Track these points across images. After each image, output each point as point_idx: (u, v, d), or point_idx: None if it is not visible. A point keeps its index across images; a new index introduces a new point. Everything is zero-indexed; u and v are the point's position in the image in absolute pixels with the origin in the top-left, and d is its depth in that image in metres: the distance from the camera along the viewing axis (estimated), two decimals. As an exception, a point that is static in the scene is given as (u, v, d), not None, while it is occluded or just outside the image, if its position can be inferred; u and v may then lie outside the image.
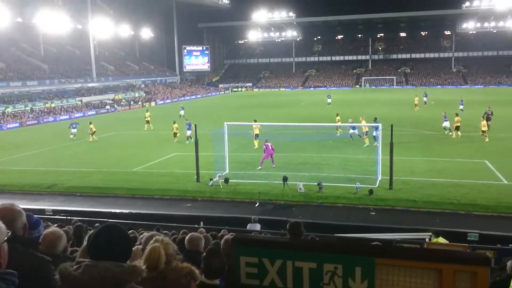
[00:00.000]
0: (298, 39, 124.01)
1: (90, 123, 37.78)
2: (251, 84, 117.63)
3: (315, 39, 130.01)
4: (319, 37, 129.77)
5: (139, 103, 78.11)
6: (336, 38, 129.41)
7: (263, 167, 24.29)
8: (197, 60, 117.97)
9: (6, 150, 34.09)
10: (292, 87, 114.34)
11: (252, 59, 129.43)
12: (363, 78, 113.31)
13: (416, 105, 52.20)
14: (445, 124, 33.93)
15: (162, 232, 9.95)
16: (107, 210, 18.52)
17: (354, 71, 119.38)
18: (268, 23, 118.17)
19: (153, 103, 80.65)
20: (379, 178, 21.20)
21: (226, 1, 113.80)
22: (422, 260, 2.94)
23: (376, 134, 27.59)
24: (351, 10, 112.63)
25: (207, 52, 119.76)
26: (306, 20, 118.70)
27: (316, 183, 20.18)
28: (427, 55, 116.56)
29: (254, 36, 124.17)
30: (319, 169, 24.07)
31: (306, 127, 35.61)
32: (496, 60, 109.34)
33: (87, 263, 2.40)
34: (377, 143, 28.45)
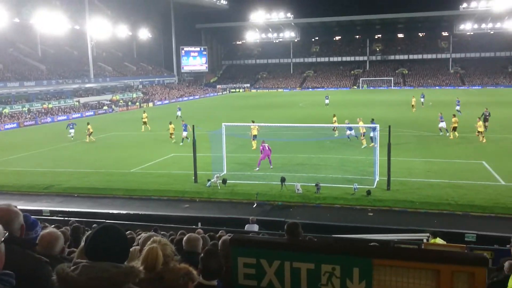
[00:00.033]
0: (296, 40, 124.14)
1: (88, 124, 37.77)
2: (249, 85, 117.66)
3: (313, 40, 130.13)
4: (317, 38, 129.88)
5: (137, 103, 78.06)
6: (334, 39, 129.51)
7: (261, 168, 24.28)
8: (195, 61, 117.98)
9: (3, 151, 34.02)
10: (290, 88, 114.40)
11: (250, 60, 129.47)
12: (360, 79, 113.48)
13: (413, 106, 52.31)
14: (441, 125, 33.98)
15: (159, 233, 9.94)
16: (104, 211, 18.50)
17: (352, 72, 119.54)
18: (266, 24, 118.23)
19: (150, 104, 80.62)
20: (377, 179, 21.21)
21: (224, 1, 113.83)
22: (420, 261, 2.94)
23: (373, 135, 27.61)
24: (349, 11, 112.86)
25: (205, 53, 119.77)
26: (304, 21, 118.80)
27: (314, 184, 20.17)
28: (425, 56, 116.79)
29: (252, 37, 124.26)
30: (317, 170, 24.08)
31: (304, 127, 35.62)
32: (493, 61, 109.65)
33: (84, 264, 2.40)
34: (374, 144, 28.54)
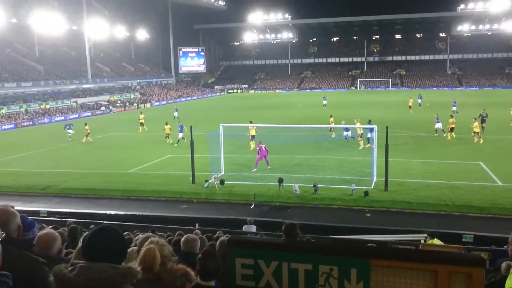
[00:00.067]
0: (294, 41, 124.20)
1: (86, 124, 37.70)
2: (246, 85, 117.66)
3: (311, 41, 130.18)
4: (315, 39, 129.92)
5: (135, 104, 77.99)
6: (332, 40, 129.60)
7: (259, 168, 24.27)
8: (192, 61, 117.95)
9: (1, 151, 33.95)
10: (287, 88, 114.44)
11: (247, 60, 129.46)
12: (358, 80, 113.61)
13: (410, 107, 52.39)
14: (437, 125, 34.05)
15: (157, 234, 9.93)
16: (102, 212, 18.48)
17: (350, 73, 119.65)
18: (263, 24, 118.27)
19: (148, 105, 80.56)
20: (375, 180, 21.24)
21: (222, 2, 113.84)
22: (417, 262, 2.94)
23: (371, 136, 27.65)
24: (347, 12, 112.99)
25: (203, 53, 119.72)
26: (301, 22, 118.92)
27: (312, 185, 20.19)
28: (422, 57, 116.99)
29: (249, 37, 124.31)
30: (315, 170, 24.10)
31: (302, 128, 35.63)
32: (491, 62, 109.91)
33: (81, 264, 2.39)
34: (370, 145, 28.61)
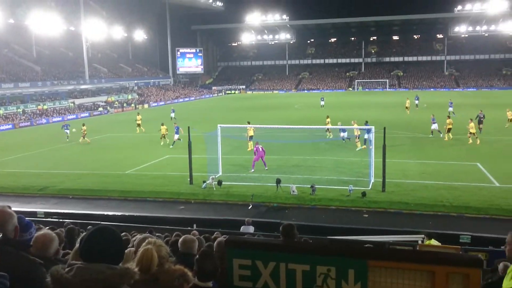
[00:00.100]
0: (292, 42, 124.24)
1: (83, 125, 37.62)
2: (244, 86, 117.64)
3: (309, 41, 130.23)
4: (313, 40, 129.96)
5: (132, 105, 77.91)
6: (329, 41, 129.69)
7: (256, 169, 24.28)
8: (190, 62, 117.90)
9: (-3, 152, 33.88)
10: (285, 89, 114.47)
11: (245, 61, 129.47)
12: (356, 81, 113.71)
13: (407, 108, 52.45)
14: (433, 126, 34.14)
15: (155, 235, 9.91)
16: (99, 213, 18.45)
17: (347, 74, 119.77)
18: (261, 25, 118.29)
19: (146, 105, 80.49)
20: (372, 181, 21.27)
21: (219, 3, 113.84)
22: (415, 262, 2.94)
23: (368, 137, 27.70)
24: (344, 13, 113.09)
25: (201, 54, 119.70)
26: (299, 23, 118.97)
27: (309, 186, 20.21)
28: (420, 58, 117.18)
29: (247, 38, 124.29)
30: (312, 171, 24.12)
31: (299, 129, 35.65)
32: (488, 64, 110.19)
33: (79, 265, 2.39)
34: (365, 146, 28.69)
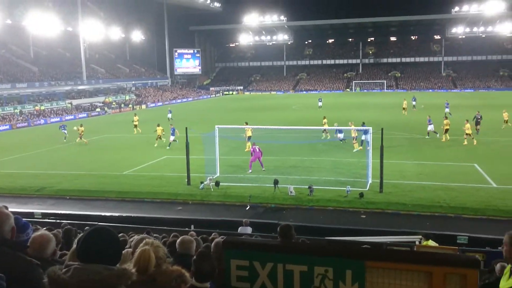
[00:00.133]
0: (289, 43, 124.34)
1: (81, 125, 37.51)
2: (242, 87, 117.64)
3: (306, 42, 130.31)
4: (310, 40, 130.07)
5: (130, 105, 77.85)
6: (327, 42, 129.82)
7: (254, 170, 24.27)
8: (188, 63, 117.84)
9: (-6, 153, 33.79)
10: (283, 90, 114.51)
11: (243, 62, 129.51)
12: (353, 81, 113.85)
13: (404, 109, 52.49)
14: (429, 128, 34.23)
15: (152, 235, 9.90)
16: (97, 213, 18.42)
17: (345, 75, 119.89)
18: (259, 26, 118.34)
19: (143, 106, 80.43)
20: (370, 182, 21.28)
21: (217, 4, 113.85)
22: (412, 263, 2.95)
23: (365, 138, 27.76)
24: (342, 14, 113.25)
25: (198, 55, 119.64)
26: (297, 24, 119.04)
27: (307, 186, 20.21)
28: (417, 59, 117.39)
29: (245, 39, 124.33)
30: (310, 172, 24.12)
31: (297, 130, 35.66)
32: (485, 65, 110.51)
33: (76, 266, 2.38)
34: (361, 147, 28.75)
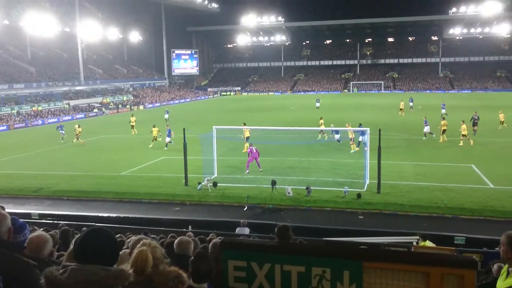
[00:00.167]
0: (287, 44, 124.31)
1: (78, 126, 37.37)
2: (240, 88, 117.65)
3: (304, 43, 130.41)
4: (308, 41, 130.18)
5: (127, 106, 77.77)
6: (325, 42, 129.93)
7: (252, 170, 24.28)
8: (185, 63, 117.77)
9: (-9, 154, 33.70)
10: (281, 91, 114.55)
11: (241, 63, 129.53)
12: (351, 82, 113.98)
13: (401, 109, 52.56)
14: (425, 129, 34.31)
15: (150, 236, 9.88)
16: (94, 214, 18.39)
17: (343, 76, 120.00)
18: (257, 27, 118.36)
19: (141, 107, 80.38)
20: (367, 182, 21.31)
21: (215, 5, 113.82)
22: (410, 264, 2.95)
23: (362, 139, 27.83)
24: (340, 15, 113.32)
25: (196, 56, 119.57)
26: (294, 25, 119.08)
27: (305, 187, 20.23)
28: (415, 60, 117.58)
29: (243, 40, 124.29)
30: (308, 173, 24.13)
31: (295, 131, 35.68)
32: (482, 66, 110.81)
33: (73, 267, 2.38)
34: (358, 148, 28.81)
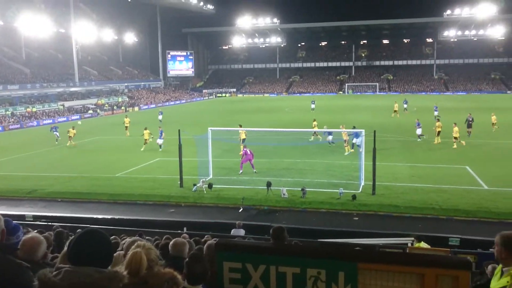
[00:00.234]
0: (282, 45, 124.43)
1: (73, 128, 37.24)
2: (235, 89, 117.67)
3: (299, 45, 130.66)
4: (303, 43, 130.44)
5: (122, 107, 77.58)
6: (320, 44, 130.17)
7: (247, 172, 24.27)
8: (181, 65, 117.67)
9: (-15, 155, 33.51)
10: (276, 93, 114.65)
11: (236, 64, 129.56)
12: (346, 84, 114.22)
13: (395, 111, 52.69)
14: (418, 131, 34.43)
15: (144, 238, 9.85)
16: (89, 216, 18.31)
17: (338, 77, 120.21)
18: (252, 29, 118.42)
19: (136, 108, 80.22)
20: (362, 184, 21.34)
21: (210, 6, 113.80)
22: (405, 265, 2.95)
23: (356, 141, 27.90)
24: (335, 17, 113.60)
25: (191, 57, 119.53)
26: (290, 27, 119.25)
27: (300, 189, 20.23)
28: (409, 62, 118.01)
29: (238, 41, 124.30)
30: (303, 174, 24.15)
31: (290, 132, 35.72)
32: (477, 68, 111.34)
33: (67, 269, 2.36)
34: (353, 150, 28.89)
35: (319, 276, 3.06)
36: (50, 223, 14.94)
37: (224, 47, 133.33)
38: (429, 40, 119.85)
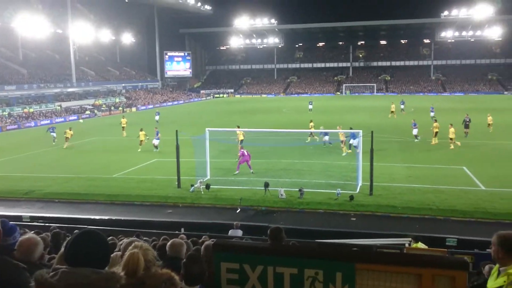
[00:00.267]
0: (280, 46, 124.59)
1: (70, 129, 37.13)
2: (232, 90, 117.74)
3: (297, 46, 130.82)
4: (301, 44, 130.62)
5: (120, 108, 77.49)
6: (318, 45, 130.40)
7: (244, 173, 24.27)
8: (178, 65, 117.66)
9: (-18, 156, 33.42)
10: (274, 93, 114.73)
11: (234, 65, 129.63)
12: (344, 85, 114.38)
13: (392, 112, 52.75)
14: (414, 132, 34.50)
15: (142, 239, 9.84)
16: (86, 217, 18.27)
17: (335, 78, 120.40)
18: (250, 29, 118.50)
19: (134, 109, 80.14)
20: (360, 184, 21.36)
21: (208, 7, 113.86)
22: (402, 265, 2.95)
23: (353, 142, 27.91)
24: (332, 17, 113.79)
25: (189, 58, 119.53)
26: (287, 27, 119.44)
27: (298, 189, 20.24)
28: (407, 63, 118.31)
29: (236, 42, 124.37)
30: (300, 175, 24.16)
31: (288, 133, 35.73)
32: (474, 68, 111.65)
33: (63, 269, 2.36)
34: (350, 150, 28.94)
35: (317, 277, 3.06)
36: (47, 224, 14.90)
37: (221, 48, 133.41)
38: (426, 41, 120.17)
